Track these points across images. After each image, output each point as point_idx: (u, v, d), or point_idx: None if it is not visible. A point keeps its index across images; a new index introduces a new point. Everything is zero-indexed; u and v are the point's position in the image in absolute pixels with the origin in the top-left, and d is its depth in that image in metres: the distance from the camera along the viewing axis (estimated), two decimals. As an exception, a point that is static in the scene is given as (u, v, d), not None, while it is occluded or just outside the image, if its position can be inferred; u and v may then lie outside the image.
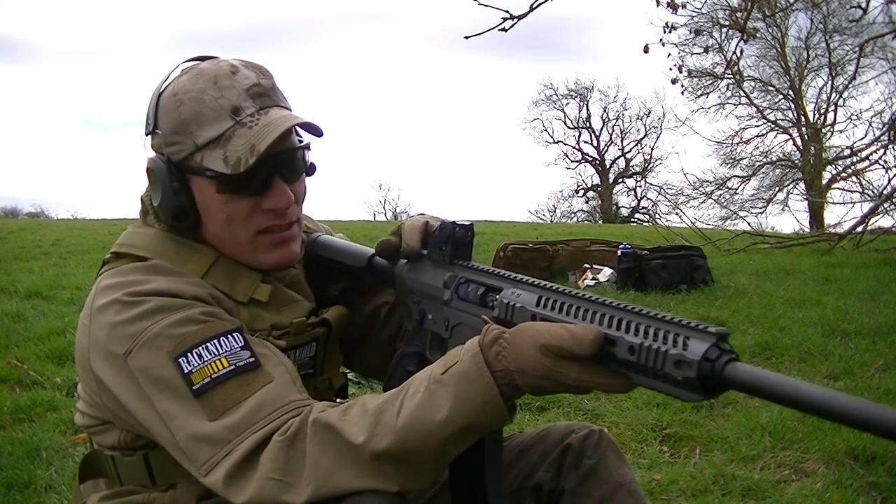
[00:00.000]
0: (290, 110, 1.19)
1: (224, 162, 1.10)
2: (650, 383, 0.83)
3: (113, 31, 48.14)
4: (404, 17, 47.28)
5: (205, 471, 0.99)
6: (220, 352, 1.03)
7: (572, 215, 28.44)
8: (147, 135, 1.18)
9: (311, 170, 1.24)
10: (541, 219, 27.31)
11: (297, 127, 1.16)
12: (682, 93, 12.38)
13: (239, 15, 47.83)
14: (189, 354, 1.03)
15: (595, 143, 28.84)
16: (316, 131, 1.18)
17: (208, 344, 1.04)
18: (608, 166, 28.85)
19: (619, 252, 5.71)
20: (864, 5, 8.48)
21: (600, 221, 25.68)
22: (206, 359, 1.03)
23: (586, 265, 6.01)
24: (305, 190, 1.22)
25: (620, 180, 29.05)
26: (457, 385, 0.92)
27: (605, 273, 5.77)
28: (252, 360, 1.04)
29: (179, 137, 1.13)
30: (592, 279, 5.75)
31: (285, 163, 1.16)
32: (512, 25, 6.13)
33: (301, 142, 1.19)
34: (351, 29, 47.60)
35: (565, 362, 0.87)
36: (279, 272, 1.24)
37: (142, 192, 1.24)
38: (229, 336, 1.05)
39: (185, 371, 1.02)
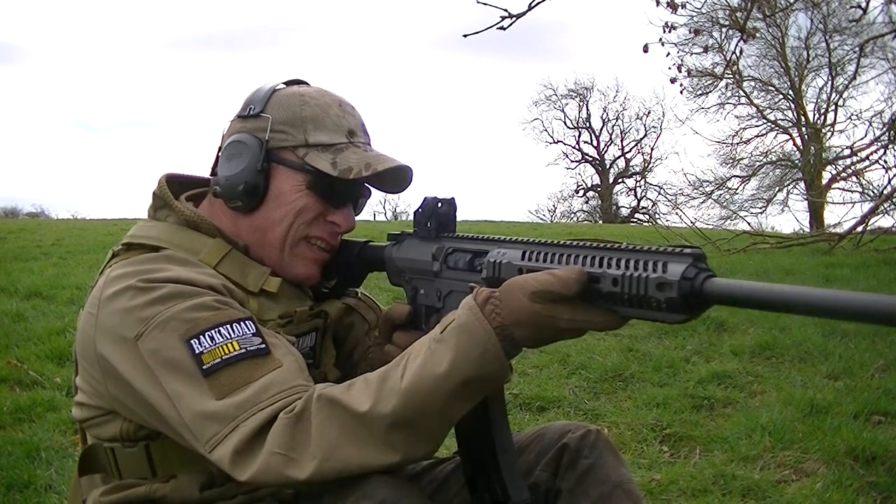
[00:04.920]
0: None
1: (332, 165, 1.22)
2: (637, 313, 0.88)
3: (100, 32, 48.17)
4: (404, 17, 47.34)
5: (210, 447, 1.01)
6: (232, 336, 1.06)
7: (572, 215, 28.46)
8: (241, 117, 1.26)
9: None
10: (541, 219, 27.34)
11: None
12: (682, 92, 12.32)
13: (234, 15, 47.91)
14: (201, 336, 1.05)
15: (595, 143, 28.84)
16: (405, 181, 1.30)
17: (220, 328, 1.06)
18: (608, 166, 28.84)
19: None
20: (864, 5, 8.46)
21: (600, 221, 25.68)
22: (217, 341, 1.05)
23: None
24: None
25: (620, 180, 29.04)
26: (457, 338, 0.95)
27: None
28: (263, 346, 1.07)
29: (291, 129, 1.23)
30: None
31: (363, 196, 1.32)
32: (511, 24, 6.12)
33: (368, 192, 1.33)
34: (349, 29, 47.68)
35: (557, 306, 0.92)
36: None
37: (153, 187, 1.27)
38: (241, 323, 1.08)
39: (197, 352, 1.04)
